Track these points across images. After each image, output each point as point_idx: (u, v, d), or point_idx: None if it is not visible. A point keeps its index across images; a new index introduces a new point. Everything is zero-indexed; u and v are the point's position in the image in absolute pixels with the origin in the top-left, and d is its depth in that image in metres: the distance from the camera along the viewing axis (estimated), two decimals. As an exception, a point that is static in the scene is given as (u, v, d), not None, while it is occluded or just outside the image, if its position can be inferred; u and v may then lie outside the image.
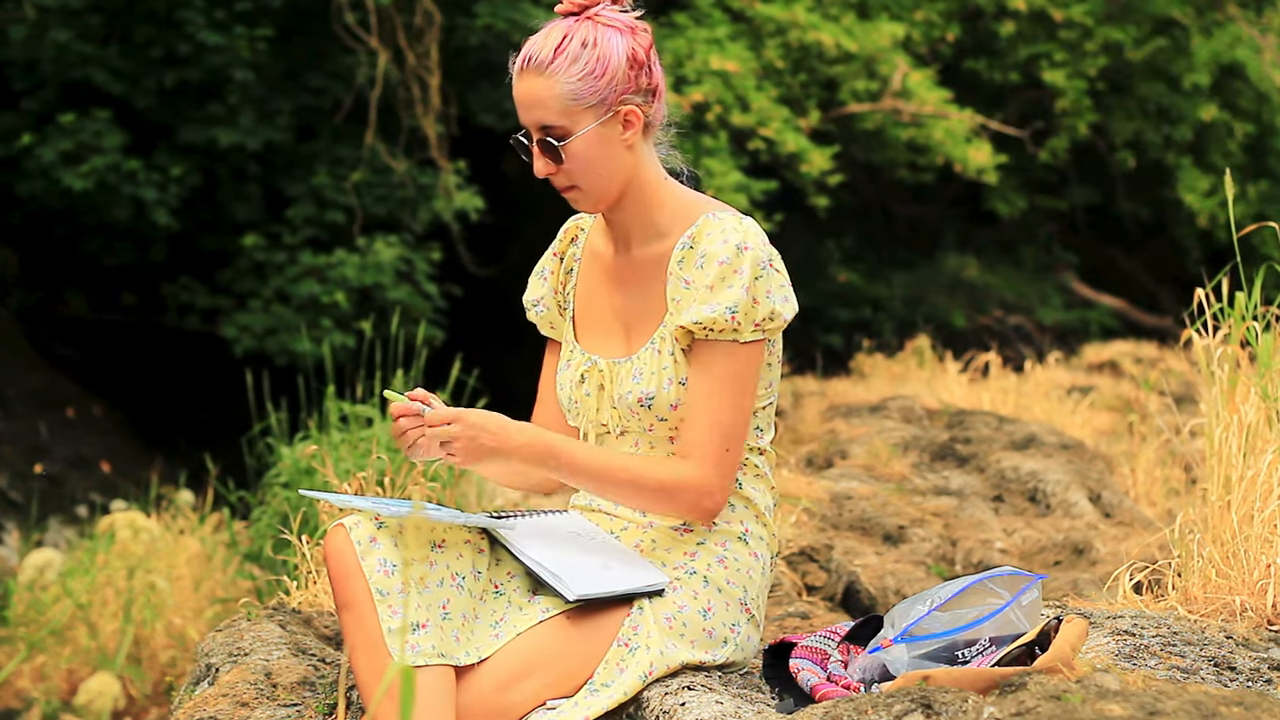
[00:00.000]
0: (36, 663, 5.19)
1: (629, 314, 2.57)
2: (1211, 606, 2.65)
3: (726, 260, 2.41)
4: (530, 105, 2.43)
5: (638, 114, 2.46)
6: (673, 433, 2.51)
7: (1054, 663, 2.12)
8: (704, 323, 2.41)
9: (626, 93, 2.44)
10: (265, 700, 2.65)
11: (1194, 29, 14.48)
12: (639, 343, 2.54)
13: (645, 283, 2.54)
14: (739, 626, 2.50)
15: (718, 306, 2.40)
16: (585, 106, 2.42)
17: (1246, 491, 2.79)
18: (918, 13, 13.46)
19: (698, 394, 2.45)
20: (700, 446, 2.43)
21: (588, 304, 2.65)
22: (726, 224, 2.45)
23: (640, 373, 2.50)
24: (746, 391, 2.45)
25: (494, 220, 11.10)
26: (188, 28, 9.32)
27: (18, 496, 8.33)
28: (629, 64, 2.44)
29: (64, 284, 11.09)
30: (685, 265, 2.45)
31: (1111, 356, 10.92)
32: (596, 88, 2.41)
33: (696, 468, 2.43)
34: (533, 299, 2.74)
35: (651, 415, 2.49)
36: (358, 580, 2.32)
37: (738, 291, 2.40)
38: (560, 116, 2.42)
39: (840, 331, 13.57)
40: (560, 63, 2.40)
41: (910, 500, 4.87)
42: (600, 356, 2.57)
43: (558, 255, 2.72)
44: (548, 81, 2.41)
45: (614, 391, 2.53)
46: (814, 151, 11.51)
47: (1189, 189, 14.62)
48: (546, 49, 2.41)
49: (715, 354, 2.44)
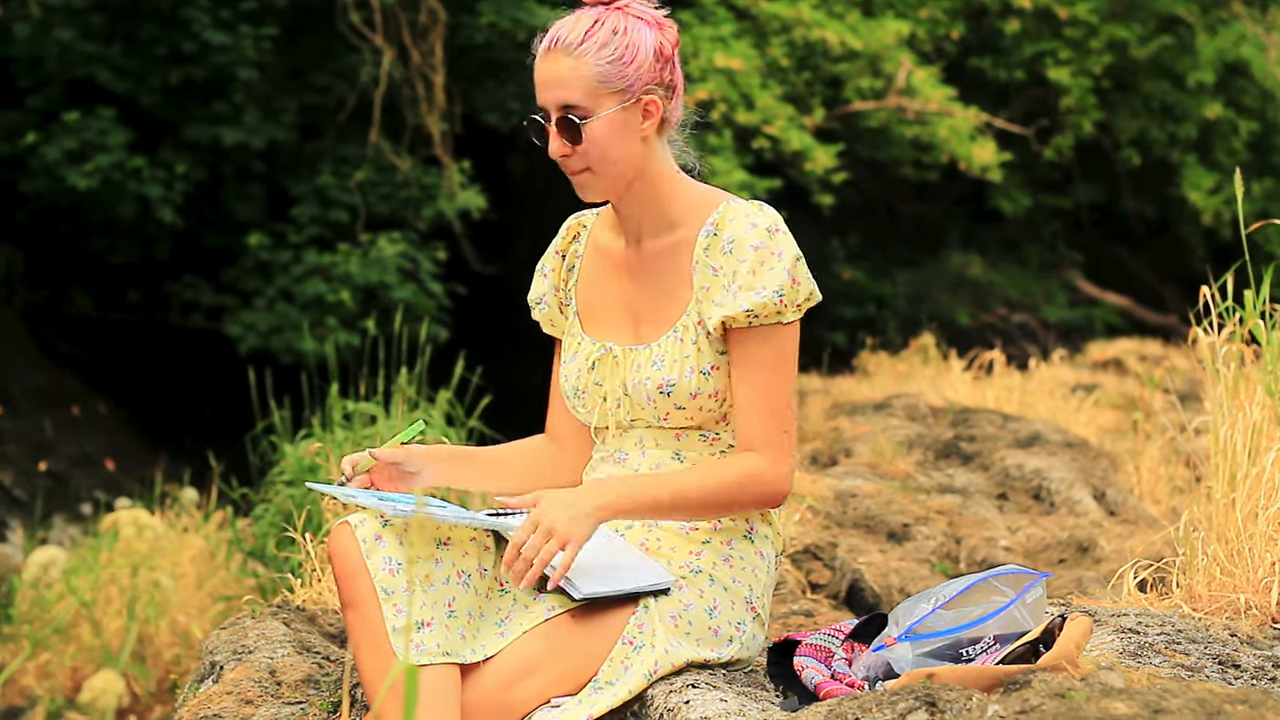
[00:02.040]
0: (40, 660, 5.19)
1: (639, 305, 2.57)
2: (1216, 604, 2.64)
3: (761, 244, 2.43)
4: (554, 84, 2.45)
5: (658, 105, 2.49)
6: (688, 423, 2.51)
7: (1058, 661, 2.12)
8: (754, 309, 2.42)
9: (650, 84, 2.47)
10: (269, 698, 2.64)
11: (1199, 27, 14.47)
12: (656, 332, 2.54)
13: (659, 273, 2.55)
14: (744, 625, 2.49)
15: (764, 292, 2.42)
16: (610, 91, 2.44)
17: (1251, 489, 2.79)
18: (922, 10, 13.44)
19: (749, 383, 2.46)
20: (762, 435, 2.45)
21: (593, 296, 2.65)
22: (749, 210, 2.48)
23: (661, 359, 2.50)
24: (792, 373, 2.49)
25: (498, 218, 11.11)
26: (192, 26, 9.32)
27: (22, 494, 8.35)
28: (655, 56, 2.48)
29: (69, 282, 11.10)
30: (711, 253, 2.47)
31: (1116, 354, 10.91)
32: (624, 74, 2.44)
33: (763, 458, 2.45)
34: (535, 296, 2.74)
35: (669, 403, 2.49)
36: (363, 578, 2.32)
37: (780, 274, 2.42)
38: (584, 97, 2.43)
39: (845, 329, 13.55)
40: (589, 45, 2.43)
41: (915, 498, 4.86)
42: (615, 343, 2.57)
43: (559, 252, 2.72)
44: (576, 62, 2.43)
45: (627, 378, 2.52)
46: (818, 149, 11.50)
47: (1194, 187, 14.60)
48: (577, 31, 2.44)
49: (760, 340, 2.45)
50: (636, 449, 2.56)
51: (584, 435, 2.69)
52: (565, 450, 2.73)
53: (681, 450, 2.54)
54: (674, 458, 2.54)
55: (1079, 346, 12.45)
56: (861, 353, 10.31)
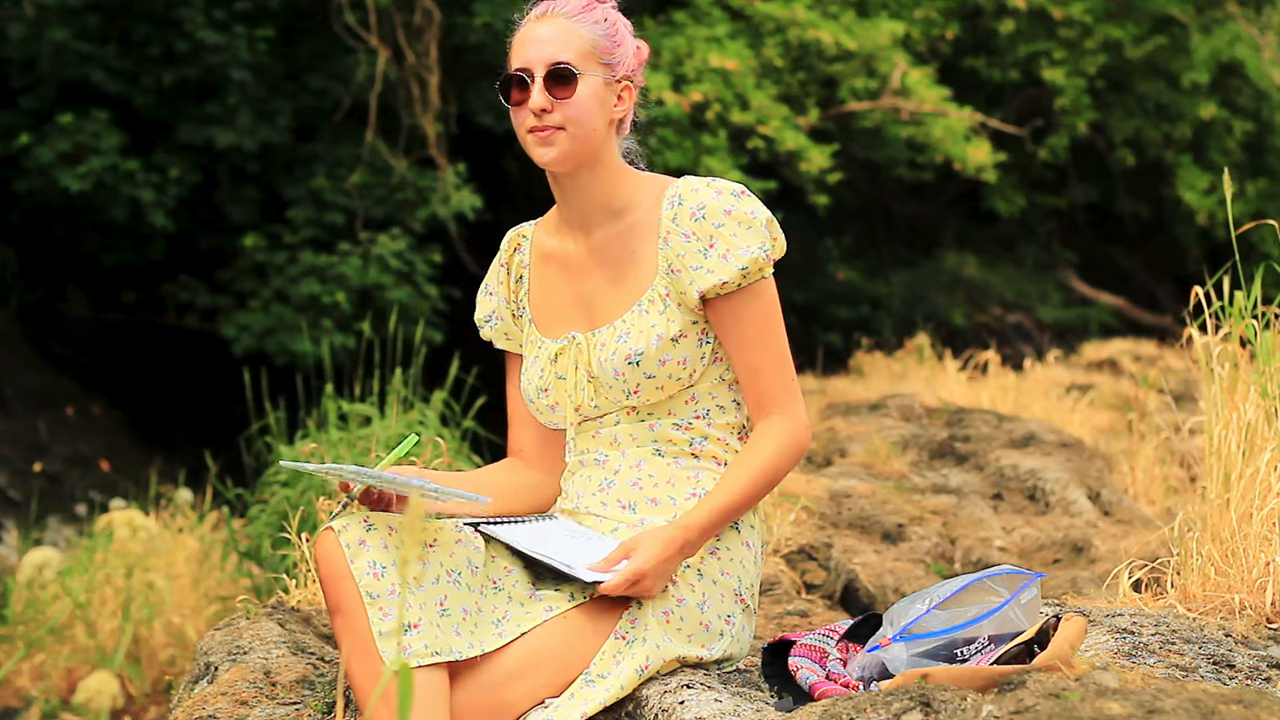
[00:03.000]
0: (35, 661, 5.18)
1: (592, 295, 2.60)
2: (1210, 604, 2.64)
3: (733, 208, 2.51)
4: (547, 43, 2.54)
5: (631, 94, 2.59)
6: (658, 397, 2.53)
7: (1053, 661, 2.12)
8: (747, 267, 2.48)
9: (630, 71, 2.59)
10: (264, 699, 2.64)
11: (1193, 27, 14.47)
12: (618, 312, 2.56)
13: (612, 260, 2.58)
14: (734, 618, 2.51)
15: (750, 249, 2.49)
16: (599, 60, 2.54)
17: (1246, 489, 2.78)
18: (917, 10, 13.44)
19: (750, 343, 2.52)
20: (774, 391, 2.53)
21: (546, 301, 2.67)
22: (706, 180, 2.58)
23: (627, 332, 2.53)
24: (782, 324, 2.57)
25: (493, 220, 11.09)
26: (186, 26, 9.30)
27: (17, 495, 8.33)
28: (635, 52, 2.62)
29: (63, 283, 11.07)
30: (680, 221, 2.53)
31: (1111, 354, 10.90)
32: (612, 50, 2.57)
33: (783, 416, 2.53)
34: (484, 315, 2.78)
35: (638, 374, 2.51)
36: (347, 584, 2.31)
37: (760, 231, 2.51)
38: (578, 57, 2.53)
39: (839, 330, 13.55)
40: (586, 16, 2.56)
41: (909, 498, 4.86)
42: (576, 332, 2.59)
43: (503, 265, 2.76)
44: (572, 24, 2.55)
45: (592, 358, 2.54)
46: (813, 150, 11.49)
47: (1188, 187, 14.61)
48: (573, 4, 2.57)
49: (750, 299, 2.52)
50: (614, 450, 2.57)
51: (551, 447, 2.71)
52: (534, 467, 2.73)
53: (659, 440, 2.55)
54: (655, 454, 2.55)
55: (1074, 347, 12.44)
56: (856, 353, 10.30)
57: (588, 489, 2.59)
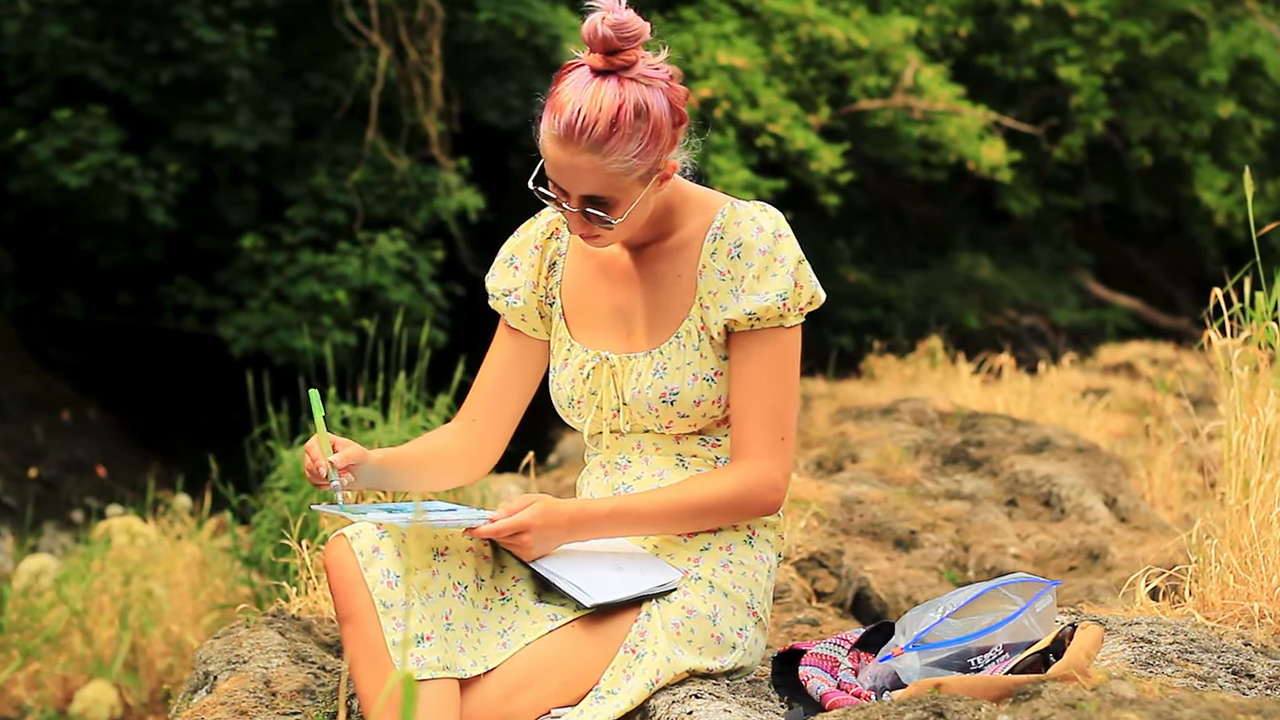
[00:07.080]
0: (31, 670, 5.16)
1: (634, 310, 2.54)
2: (1229, 613, 2.65)
3: (767, 249, 2.43)
4: (576, 176, 2.37)
5: (675, 166, 2.44)
6: (690, 429, 2.50)
7: (1068, 670, 2.12)
8: (756, 312, 2.42)
9: (669, 150, 2.42)
10: (264, 709, 2.63)
11: (1212, 24, 14.42)
12: (653, 338, 2.51)
13: (657, 279, 2.53)
14: (746, 631, 2.48)
15: (768, 295, 2.42)
16: (636, 178, 2.38)
17: (1265, 495, 2.78)
18: (930, 7, 13.39)
19: (747, 386, 2.45)
20: (755, 440, 2.44)
21: (580, 300, 2.61)
22: (753, 212, 2.47)
23: (664, 368, 2.48)
24: (793, 376, 2.48)
25: (497, 219, 11.06)
26: (184, 24, 9.29)
27: (12, 501, 8.33)
28: (673, 122, 2.40)
29: (59, 285, 11.09)
30: (719, 257, 2.45)
31: (1127, 358, 10.88)
32: (647, 161, 2.38)
33: (755, 465, 2.44)
34: (504, 288, 2.67)
35: (672, 412, 2.48)
36: (360, 592, 2.29)
37: (784, 279, 2.43)
38: (611, 190, 2.38)
39: (851, 332, 13.51)
40: (615, 141, 2.33)
41: (922, 504, 4.85)
42: (610, 351, 2.53)
43: (538, 248, 2.67)
44: (601, 160, 2.34)
45: (626, 387, 2.50)
46: (824, 149, 11.46)
47: (1206, 187, 14.57)
48: (601, 124, 2.32)
49: (760, 343, 2.45)
50: (638, 455, 2.55)
51: (508, 427, 2.66)
52: (485, 442, 2.66)
53: (683, 454, 2.52)
54: (678, 464, 2.53)
55: (1089, 350, 12.41)
56: (868, 356, 10.30)
57: (603, 493, 2.56)
